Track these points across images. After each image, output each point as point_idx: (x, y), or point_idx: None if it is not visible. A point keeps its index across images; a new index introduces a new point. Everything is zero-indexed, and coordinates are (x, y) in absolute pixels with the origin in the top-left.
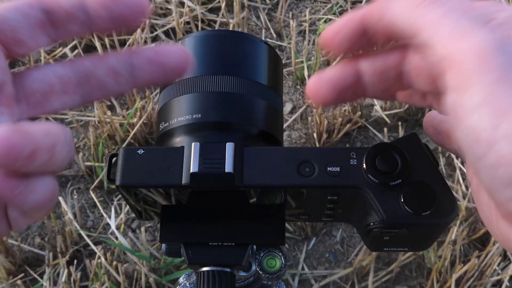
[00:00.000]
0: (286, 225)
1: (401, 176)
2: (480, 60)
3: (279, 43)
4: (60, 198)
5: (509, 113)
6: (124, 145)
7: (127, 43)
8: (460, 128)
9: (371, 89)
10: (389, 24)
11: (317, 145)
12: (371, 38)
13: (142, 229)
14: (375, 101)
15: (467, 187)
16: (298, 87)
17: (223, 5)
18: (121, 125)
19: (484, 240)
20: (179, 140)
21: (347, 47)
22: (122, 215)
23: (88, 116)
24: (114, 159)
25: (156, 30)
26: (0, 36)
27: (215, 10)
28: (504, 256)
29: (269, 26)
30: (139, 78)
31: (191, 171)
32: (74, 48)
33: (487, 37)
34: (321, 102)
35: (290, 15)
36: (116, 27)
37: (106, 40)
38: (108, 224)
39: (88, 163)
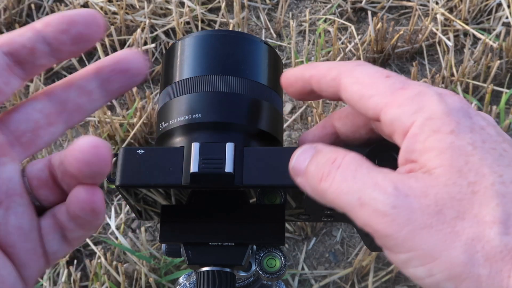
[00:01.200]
0: (286, 225)
1: None
2: (386, 230)
3: (279, 43)
4: None
5: (433, 258)
6: (124, 145)
7: (127, 43)
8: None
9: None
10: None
11: None
12: (319, 95)
13: (142, 229)
14: None
15: None
16: None
17: (223, 5)
18: (121, 125)
19: None
20: (179, 140)
21: (299, 97)
22: (122, 215)
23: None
24: (114, 159)
25: (156, 30)
26: None
27: (215, 10)
28: None
29: (269, 26)
30: (109, 89)
31: (191, 171)
32: None
33: (383, 202)
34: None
35: (290, 15)
36: (79, 49)
37: (106, 40)
38: (108, 224)
39: None
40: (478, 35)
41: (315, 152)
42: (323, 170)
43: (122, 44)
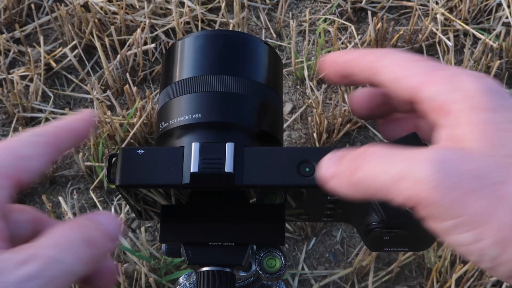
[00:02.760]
0: (286, 225)
1: None
2: (432, 196)
3: (279, 43)
4: (60, 198)
5: (481, 223)
6: (124, 145)
7: (127, 43)
8: (447, 243)
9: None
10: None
11: (317, 145)
12: (351, 80)
13: (142, 229)
14: None
15: None
16: (298, 87)
17: (223, 5)
18: (121, 125)
19: None
20: (179, 140)
21: (333, 80)
22: (122, 215)
23: None
24: (114, 159)
25: (156, 30)
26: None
27: (215, 10)
28: None
29: (269, 26)
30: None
31: (191, 171)
32: (74, 48)
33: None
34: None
35: (290, 15)
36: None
37: (106, 40)
38: None
39: (88, 163)
40: (478, 35)
41: (342, 155)
42: (354, 165)
43: (122, 44)
